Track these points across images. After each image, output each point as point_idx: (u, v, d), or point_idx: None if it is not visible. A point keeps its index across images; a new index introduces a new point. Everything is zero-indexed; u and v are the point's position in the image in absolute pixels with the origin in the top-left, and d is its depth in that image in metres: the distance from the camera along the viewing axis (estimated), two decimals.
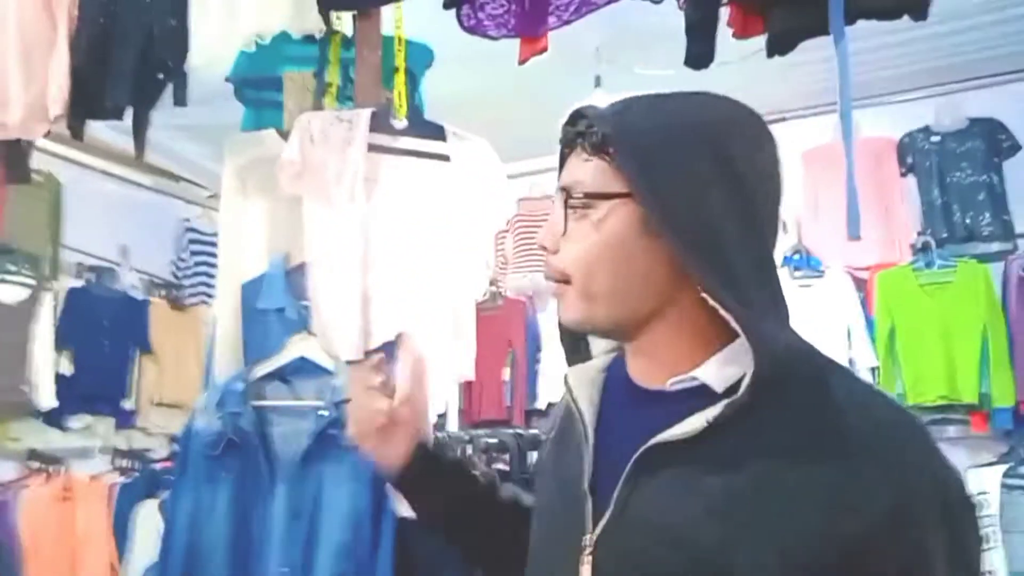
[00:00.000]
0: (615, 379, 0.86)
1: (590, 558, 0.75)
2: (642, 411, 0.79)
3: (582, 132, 0.79)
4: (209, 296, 4.08)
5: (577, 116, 0.81)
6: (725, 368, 0.76)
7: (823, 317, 3.17)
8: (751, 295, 0.73)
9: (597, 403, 0.84)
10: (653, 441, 0.73)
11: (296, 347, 1.64)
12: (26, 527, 3.04)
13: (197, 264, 4.08)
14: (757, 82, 2.99)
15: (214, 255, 4.14)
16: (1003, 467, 2.89)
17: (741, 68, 2.49)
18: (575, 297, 0.79)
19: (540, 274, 3.91)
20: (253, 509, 1.58)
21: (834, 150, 3.14)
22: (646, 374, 0.81)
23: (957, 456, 3.11)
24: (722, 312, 0.72)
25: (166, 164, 3.94)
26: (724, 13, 1.65)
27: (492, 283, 3.78)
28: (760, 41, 1.65)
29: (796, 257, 3.35)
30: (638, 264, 0.76)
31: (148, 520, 2.58)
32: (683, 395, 0.77)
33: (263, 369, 1.64)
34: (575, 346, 0.92)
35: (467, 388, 3.84)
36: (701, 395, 0.75)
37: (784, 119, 3.42)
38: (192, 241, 4.12)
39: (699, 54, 1.62)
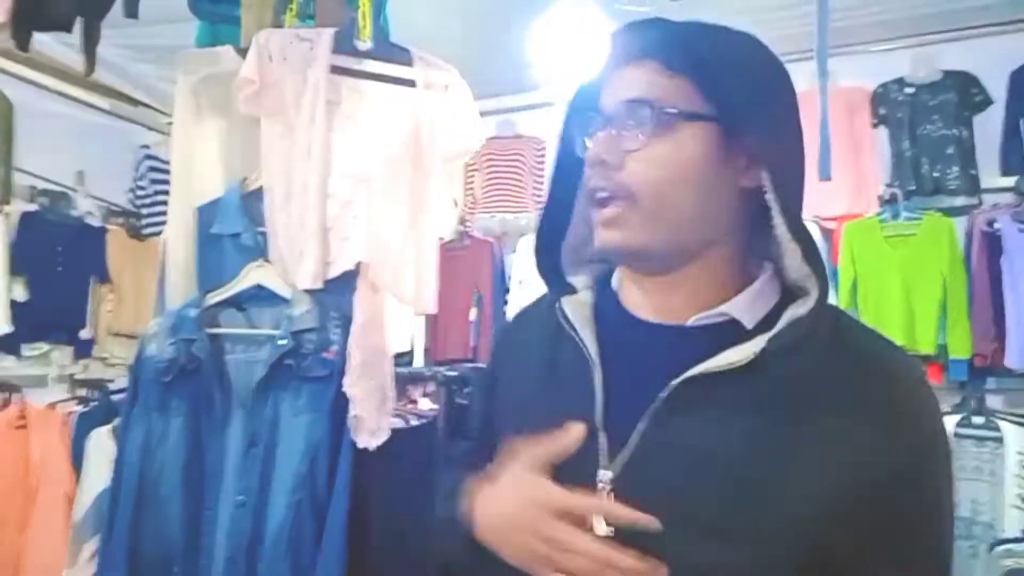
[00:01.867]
0: (607, 313, 0.82)
1: (611, 494, 0.72)
2: (658, 347, 0.77)
3: (647, 48, 0.75)
4: None
5: (651, 27, 0.76)
6: (754, 304, 0.76)
7: None
8: (804, 231, 0.73)
9: (595, 336, 0.80)
10: (690, 373, 0.71)
11: (252, 274, 1.60)
12: None
13: (157, 193, 3.96)
14: (734, 24, 2.95)
15: None
16: (956, 417, 2.95)
17: (719, 10, 2.44)
18: (639, 219, 0.74)
19: (509, 215, 3.87)
20: (208, 437, 1.55)
21: (808, 98, 3.10)
22: (662, 310, 0.78)
23: None
24: (788, 245, 0.73)
25: (125, 87, 3.78)
26: None
27: (460, 222, 3.74)
28: None
29: None
30: (713, 192, 0.74)
31: (100, 446, 2.54)
32: (704, 332, 0.76)
33: (218, 296, 1.60)
34: (557, 279, 0.87)
35: (433, 327, 3.83)
36: (724, 332, 0.74)
37: None
38: (152, 169, 3.99)
39: None
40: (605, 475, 0.72)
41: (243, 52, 1.62)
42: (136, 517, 1.51)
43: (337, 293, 1.60)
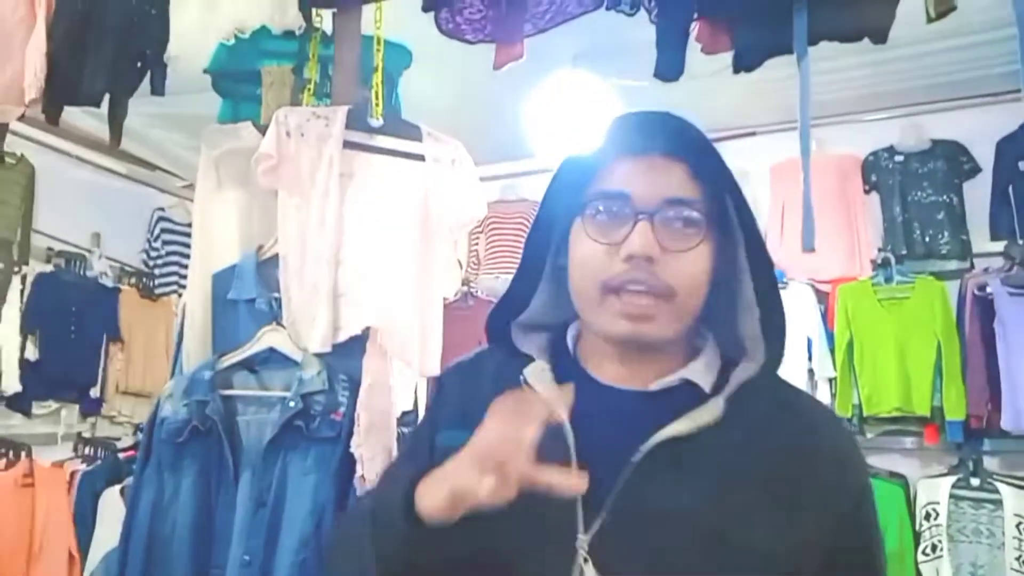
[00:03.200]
0: (570, 379, 0.83)
1: (590, 557, 0.74)
2: (625, 412, 0.81)
3: (689, 147, 0.79)
4: (180, 287, 4.07)
5: (670, 122, 0.81)
6: (709, 369, 0.82)
7: None
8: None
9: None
10: (661, 436, 0.75)
11: (265, 338, 1.66)
12: None
13: (169, 254, 4.07)
14: (728, 96, 3.07)
15: (187, 245, 4.14)
16: (952, 479, 2.98)
17: (713, 82, 2.55)
18: (669, 314, 0.78)
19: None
20: (216, 497, 1.59)
21: (800, 165, 3.22)
22: (628, 377, 0.83)
23: (910, 467, 3.21)
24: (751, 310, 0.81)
25: (141, 152, 3.92)
26: (695, 29, 1.71)
27: (464, 283, 3.82)
28: (730, 56, 1.71)
29: None
30: (710, 283, 0.81)
31: (112, 505, 2.58)
32: (665, 395, 0.81)
33: (231, 358, 1.66)
34: (509, 346, 0.90)
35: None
36: (683, 394, 0.80)
37: (754, 133, 3.50)
38: (165, 231, 4.11)
39: (668, 67, 1.67)
40: (583, 540, 0.74)
41: (263, 128, 1.72)
42: (145, 575, 1.55)
43: (345, 357, 1.66)
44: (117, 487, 2.63)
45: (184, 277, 4.08)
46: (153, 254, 4.08)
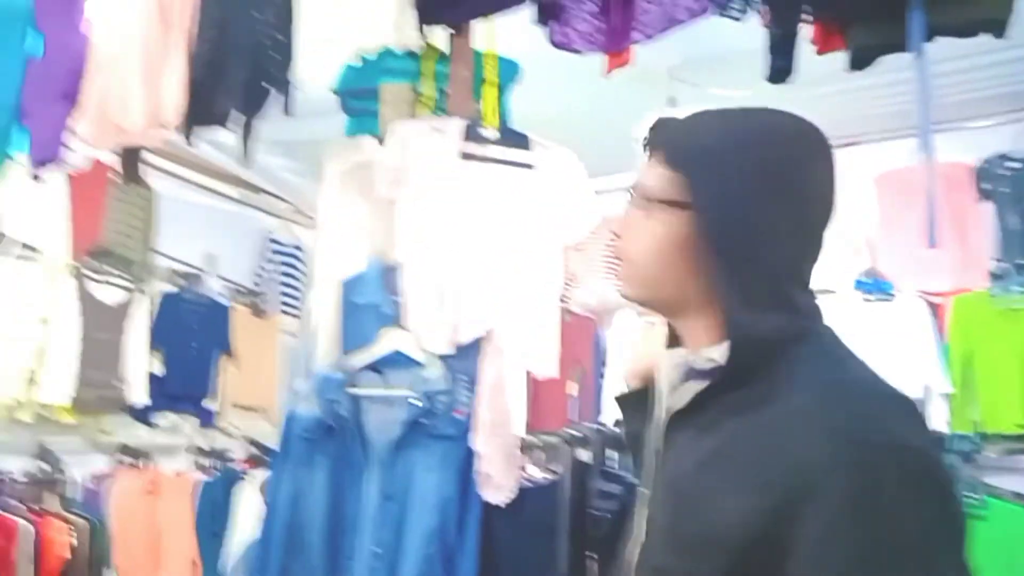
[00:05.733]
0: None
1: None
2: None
3: (655, 143, 0.92)
4: (288, 305, 4.24)
5: (656, 126, 0.94)
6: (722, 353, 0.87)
7: (896, 341, 3.14)
8: (765, 297, 0.83)
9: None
10: (671, 411, 0.91)
11: (390, 340, 1.74)
12: (114, 518, 3.19)
13: (279, 274, 4.26)
14: (831, 106, 3.02)
15: (293, 266, 4.33)
16: None
17: (816, 92, 2.53)
18: (629, 276, 0.94)
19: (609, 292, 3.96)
20: (348, 491, 1.67)
21: (907, 174, 3.13)
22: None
23: None
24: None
25: (248, 176, 4.12)
26: (804, 32, 1.72)
27: (561, 299, 3.84)
28: (834, 64, 1.71)
29: (869, 281, 3.34)
30: (681, 260, 0.88)
31: (248, 500, 2.72)
32: (702, 376, 0.89)
33: (359, 360, 1.74)
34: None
35: (532, 400, 3.90)
36: (711, 376, 0.88)
37: (858, 143, 3.43)
38: (275, 252, 4.30)
39: (780, 69, 1.68)
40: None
41: (382, 141, 1.82)
42: (285, 564, 1.63)
43: (464, 357, 1.73)
44: (254, 483, 2.77)
45: (291, 296, 4.26)
46: (263, 274, 4.28)
